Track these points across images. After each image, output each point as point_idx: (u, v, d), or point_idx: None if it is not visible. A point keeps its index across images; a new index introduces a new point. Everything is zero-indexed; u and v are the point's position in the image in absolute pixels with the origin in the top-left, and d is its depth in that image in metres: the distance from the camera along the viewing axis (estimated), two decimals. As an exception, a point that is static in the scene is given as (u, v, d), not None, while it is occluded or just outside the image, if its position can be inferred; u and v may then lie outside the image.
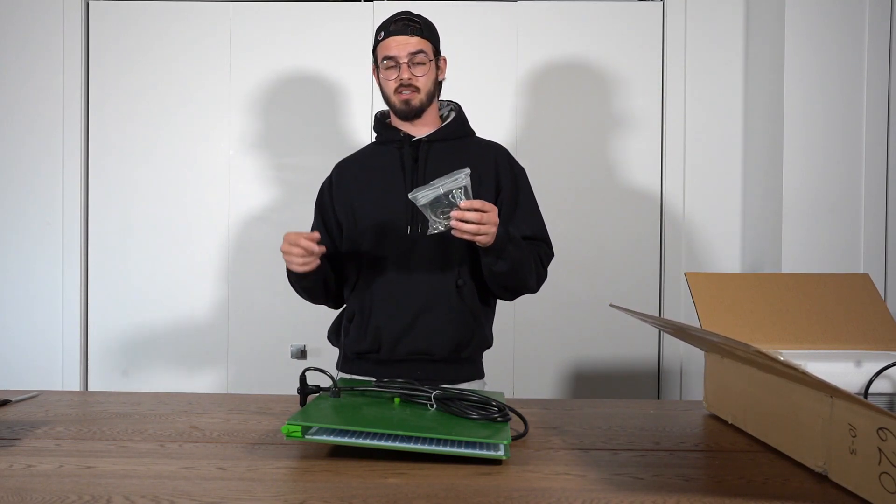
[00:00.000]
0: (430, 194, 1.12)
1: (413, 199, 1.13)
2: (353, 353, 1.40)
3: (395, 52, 1.33)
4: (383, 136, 1.43)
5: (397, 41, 1.33)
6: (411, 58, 1.33)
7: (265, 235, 2.17)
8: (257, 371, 2.21)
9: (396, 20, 1.35)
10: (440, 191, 1.11)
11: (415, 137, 1.40)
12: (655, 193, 2.20)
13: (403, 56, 1.33)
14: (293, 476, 0.80)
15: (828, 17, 1.89)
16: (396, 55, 1.33)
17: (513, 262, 1.28)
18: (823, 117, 1.90)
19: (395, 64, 1.34)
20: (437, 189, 1.12)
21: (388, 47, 1.34)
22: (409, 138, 1.39)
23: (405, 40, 1.33)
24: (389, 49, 1.34)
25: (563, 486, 0.77)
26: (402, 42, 1.33)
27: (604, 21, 2.20)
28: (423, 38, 1.35)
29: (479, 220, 1.14)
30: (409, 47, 1.33)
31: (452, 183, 1.12)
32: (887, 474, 0.67)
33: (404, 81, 1.33)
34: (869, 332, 1.07)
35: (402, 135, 1.40)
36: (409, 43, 1.33)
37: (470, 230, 1.15)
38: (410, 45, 1.33)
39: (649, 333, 2.19)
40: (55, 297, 2.21)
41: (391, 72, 1.35)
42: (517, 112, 2.20)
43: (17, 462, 0.84)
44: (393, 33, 1.34)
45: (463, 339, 1.37)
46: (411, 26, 1.34)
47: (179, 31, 2.21)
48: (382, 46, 1.35)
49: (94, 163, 2.22)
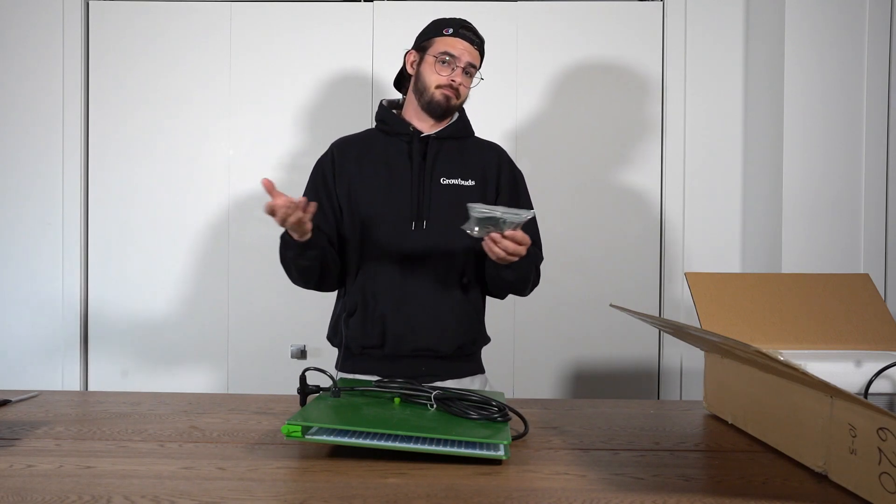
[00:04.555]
0: (487, 213, 1.14)
1: (470, 207, 1.14)
2: (358, 347, 1.38)
3: (459, 54, 1.37)
4: (391, 127, 1.44)
5: (464, 45, 1.38)
6: (467, 66, 1.38)
7: (265, 235, 2.17)
8: (257, 371, 2.21)
9: (467, 26, 1.40)
10: (498, 214, 1.13)
11: (423, 133, 1.41)
12: (655, 193, 2.20)
13: (463, 61, 1.37)
14: (293, 476, 0.80)
15: (828, 17, 1.89)
16: (459, 56, 1.37)
17: (520, 274, 1.33)
18: (823, 117, 1.90)
19: (452, 63, 1.37)
20: (494, 212, 1.13)
21: (454, 46, 1.37)
22: (418, 133, 1.41)
23: (470, 49, 1.39)
24: (454, 48, 1.37)
25: (563, 486, 0.77)
26: (467, 48, 1.38)
27: (604, 21, 2.20)
28: (480, 55, 1.41)
29: (514, 251, 1.18)
30: (469, 56, 1.38)
31: (513, 217, 1.13)
32: (887, 474, 0.67)
33: (454, 84, 1.37)
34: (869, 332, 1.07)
35: (411, 129, 1.41)
36: (473, 53, 1.39)
37: (498, 253, 1.18)
38: (472, 56, 1.39)
39: (649, 333, 2.19)
40: (55, 297, 2.21)
41: (445, 67, 1.37)
42: (517, 112, 2.20)
43: (17, 462, 0.83)
44: (462, 37, 1.38)
45: (468, 337, 1.39)
46: (477, 39, 1.40)
47: (179, 31, 2.21)
48: (446, 42, 1.38)
49: (94, 163, 2.22)
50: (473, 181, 1.40)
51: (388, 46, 2.19)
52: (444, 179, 1.39)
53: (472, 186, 1.40)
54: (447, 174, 1.39)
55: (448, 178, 1.39)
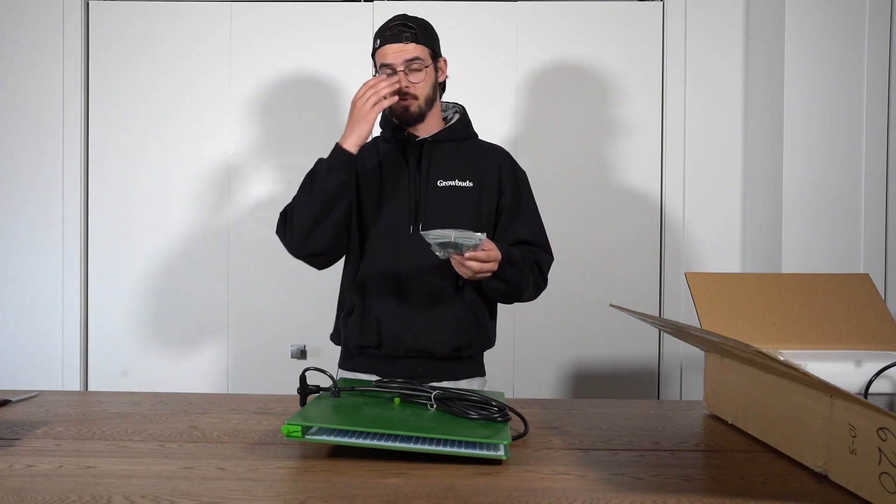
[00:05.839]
0: (440, 238, 1.14)
1: (424, 235, 1.15)
2: (356, 347, 1.40)
3: (391, 60, 1.33)
4: (388, 134, 1.44)
5: (392, 49, 1.33)
6: (407, 65, 1.33)
7: (265, 235, 2.17)
8: (257, 371, 2.21)
9: (391, 26, 1.35)
10: (451, 239, 1.14)
11: (418, 137, 1.41)
12: (655, 193, 2.20)
13: (399, 64, 1.33)
14: (293, 476, 0.80)
15: (828, 17, 1.89)
16: (392, 63, 1.33)
17: (510, 283, 1.32)
18: (823, 117, 1.90)
19: (391, 72, 1.34)
20: (448, 237, 1.14)
21: (385, 55, 1.34)
22: (412, 137, 1.40)
23: (400, 48, 1.33)
24: (385, 57, 1.34)
25: (563, 486, 0.77)
26: (397, 49, 1.33)
27: (604, 21, 2.20)
28: (418, 44, 1.34)
29: (479, 269, 1.19)
30: (404, 55, 1.32)
31: (465, 240, 1.14)
32: (887, 474, 0.67)
33: (403, 89, 1.33)
34: (869, 332, 1.07)
35: (406, 134, 1.41)
36: (405, 50, 1.33)
37: (465, 273, 1.21)
38: (406, 53, 1.33)
39: (649, 333, 2.19)
40: (55, 297, 2.21)
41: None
42: (517, 112, 2.20)
43: (17, 462, 0.83)
44: (388, 40, 1.34)
45: (464, 340, 1.38)
46: (406, 32, 1.33)
47: (179, 31, 2.21)
48: (379, 54, 1.36)
49: (94, 163, 2.22)
50: (471, 182, 1.39)
51: (388, 46, 2.18)
52: (441, 181, 1.38)
53: (470, 188, 1.39)
54: (444, 176, 1.39)
55: (445, 179, 1.38)
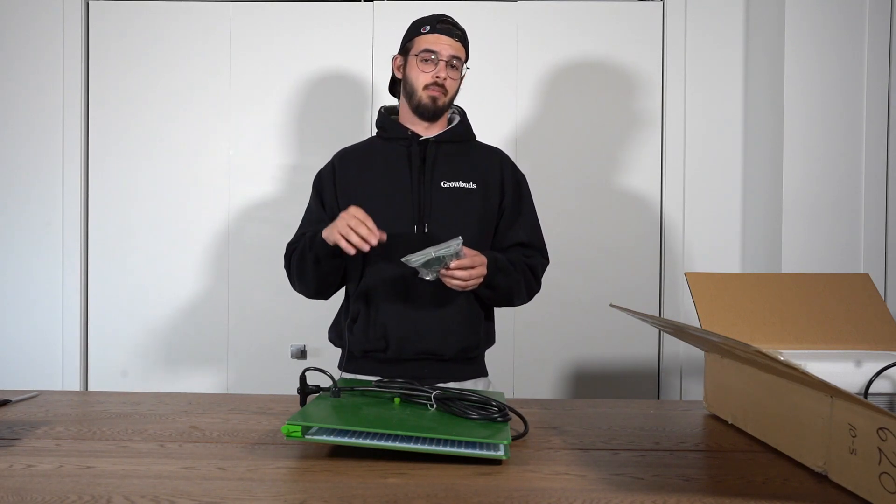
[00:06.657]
0: (422, 259, 1.16)
1: (405, 261, 1.16)
2: (360, 352, 1.39)
3: (441, 49, 1.35)
4: (389, 133, 1.43)
5: (442, 40, 1.36)
6: (450, 59, 1.36)
7: (265, 235, 2.17)
8: (257, 371, 2.21)
9: (443, 20, 1.38)
10: (431, 255, 1.15)
11: (422, 137, 1.40)
12: (655, 193, 2.20)
13: (445, 55, 1.35)
14: (293, 476, 0.80)
15: (828, 17, 1.89)
16: (440, 52, 1.35)
17: (500, 290, 1.35)
18: (823, 117, 1.90)
19: (434, 59, 1.35)
20: (428, 254, 1.16)
21: (436, 42, 1.36)
22: (416, 137, 1.40)
23: (449, 41, 1.36)
24: (433, 44, 1.36)
25: (563, 486, 0.77)
26: (446, 42, 1.36)
27: (604, 21, 2.20)
28: (462, 46, 1.39)
29: (468, 276, 1.21)
30: (452, 50, 1.36)
31: (445, 250, 1.15)
32: (887, 474, 0.67)
33: (439, 80, 1.35)
34: (869, 332, 1.07)
35: (409, 133, 1.40)
36: (454, 46, 1.37)
37: (458, 285, 1.22)
38: (454, 49, 1.37)
39: (649, 333, 2.19)
40: (55, 298, 2.21)
41: (428, 65, 1.36)
42: (517, 112, 2.20)
43: (17, 462, 0.84)
44: (440, 31, 1.37)
45: (472, 339, 1.39)
46: (457, 32, 1.38)
47: (179, 31, 2.21)
48: (424, 40, 1.37)
49: (94, 163, 2.22)
50: (475, 184, 1.39)
51: (388, 46, 2.18)
52: (444, 182, 1.38)
53: (474, 189, 1.39)
54: (448, 177, 1.39)
55: (449, 181, 1.38)
